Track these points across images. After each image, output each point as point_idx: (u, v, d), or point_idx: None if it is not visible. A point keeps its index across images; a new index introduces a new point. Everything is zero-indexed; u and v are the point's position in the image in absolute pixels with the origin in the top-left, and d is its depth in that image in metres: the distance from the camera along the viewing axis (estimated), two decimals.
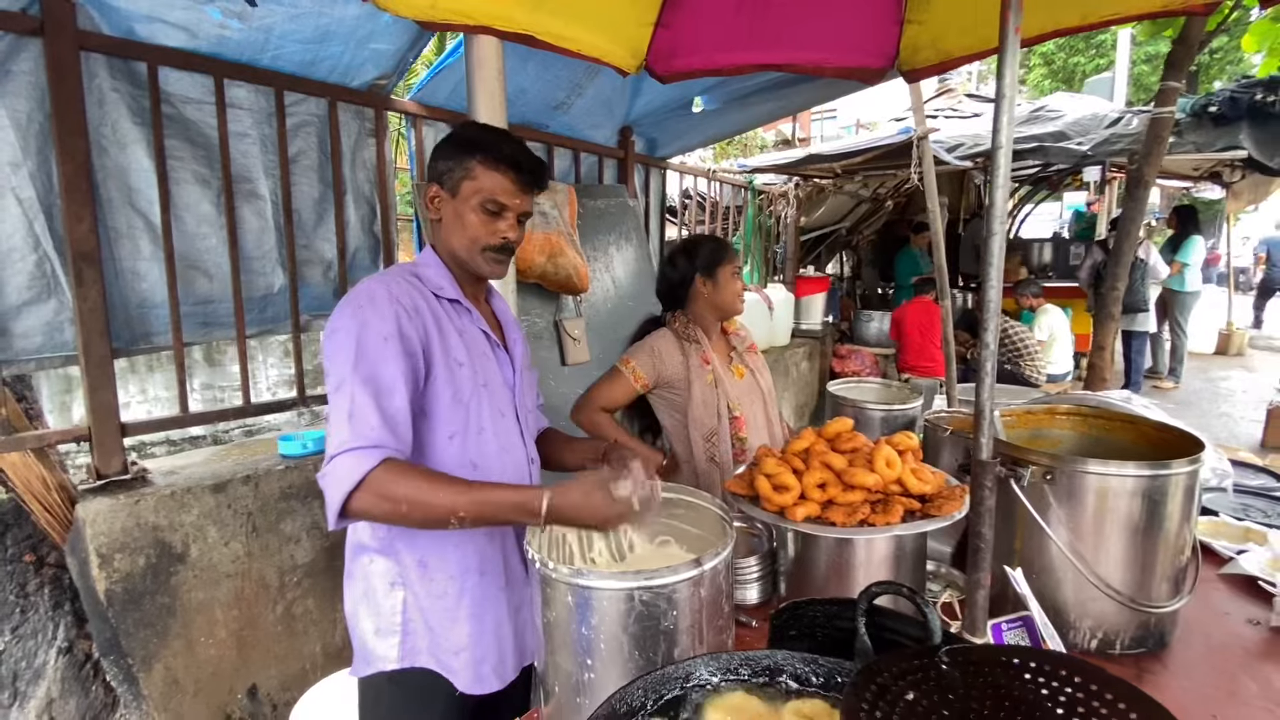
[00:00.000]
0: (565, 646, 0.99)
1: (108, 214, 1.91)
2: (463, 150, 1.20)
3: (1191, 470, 1.19)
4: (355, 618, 1.23)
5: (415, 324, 1.13)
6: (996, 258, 1.04)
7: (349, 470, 1.00)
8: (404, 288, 1.16)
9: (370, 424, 1.03)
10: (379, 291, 1.13)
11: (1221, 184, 7.09)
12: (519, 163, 1.21)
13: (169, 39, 1.92)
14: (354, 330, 1.08)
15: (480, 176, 1.19)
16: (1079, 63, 17.58)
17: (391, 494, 1.00)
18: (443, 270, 1.25)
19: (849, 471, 1.16)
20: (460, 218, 1.21)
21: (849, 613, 0.72)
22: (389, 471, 1.01)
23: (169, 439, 4.32)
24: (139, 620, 1.81)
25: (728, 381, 1.84)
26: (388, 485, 1.00)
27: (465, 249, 1.22)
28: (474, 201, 1.20)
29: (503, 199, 1.20)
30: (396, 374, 1.07)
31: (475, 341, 1.25)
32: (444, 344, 1.18)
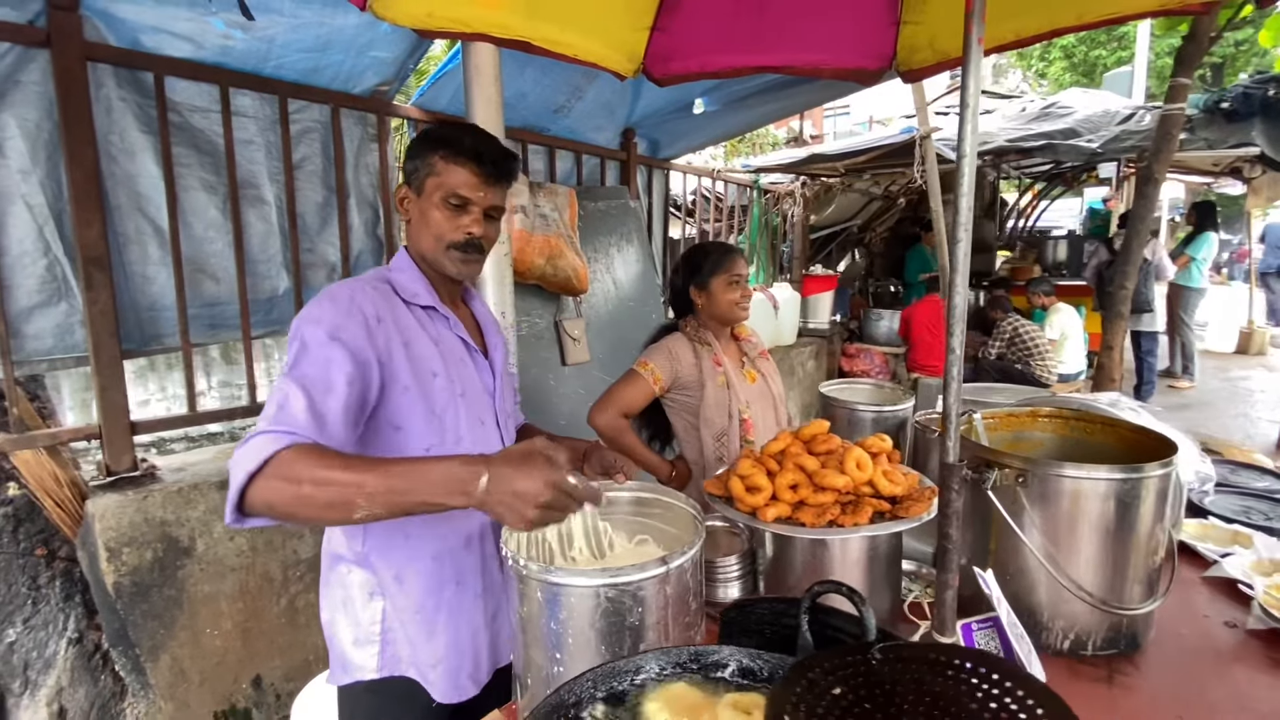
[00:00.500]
0: (537, 641, 1.03)
1: (117, 220, 1.97)
2: (425, 147, 1.18)
3: (1164, 474, 1.19)
4: (333, 625, 1.22)
5: (378, 333, 1.10)
6: (962, 263, 1.06)
7: (254, 452, 0.88)
8: (370, 295, 1.12)
9: (294, 413, 0.94)
10: (341, 294, 1.10)
11: (1242, 179, 6.95)
12: (480, 154, 1.17)
13: (174, 49, 1.98)
14: (305, 330, 1.05)
15: (442, 171, 1.16)
16: (1100, 55, 17.27)
17: (294, 474, 0.87)
18: (416, 274, 1.22)
19: (820, 473, 1.18)
20: (425, 215, 1.18)
21: (795, 611, 0.74)
22: (296, 452, 0.89)
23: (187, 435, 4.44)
24: (146, 612, 1.88)
25: (739, 384, 1.86)
26: (292, 465, 0.87)
27: (431, 248, 1.19)
28: (436, 198, 1.17)
29: (465, 192, 1.17)
30: (339, 375, 1.01)
31: (452, 349, 1.23)
32: (416, 355, 1.15)
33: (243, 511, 0.90)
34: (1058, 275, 7.37)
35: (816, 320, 6.15)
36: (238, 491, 0.88)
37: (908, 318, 5.80)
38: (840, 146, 5.19)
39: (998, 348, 5.80)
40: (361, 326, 1.08)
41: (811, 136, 10.76)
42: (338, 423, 1.00)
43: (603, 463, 1.38)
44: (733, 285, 1.86)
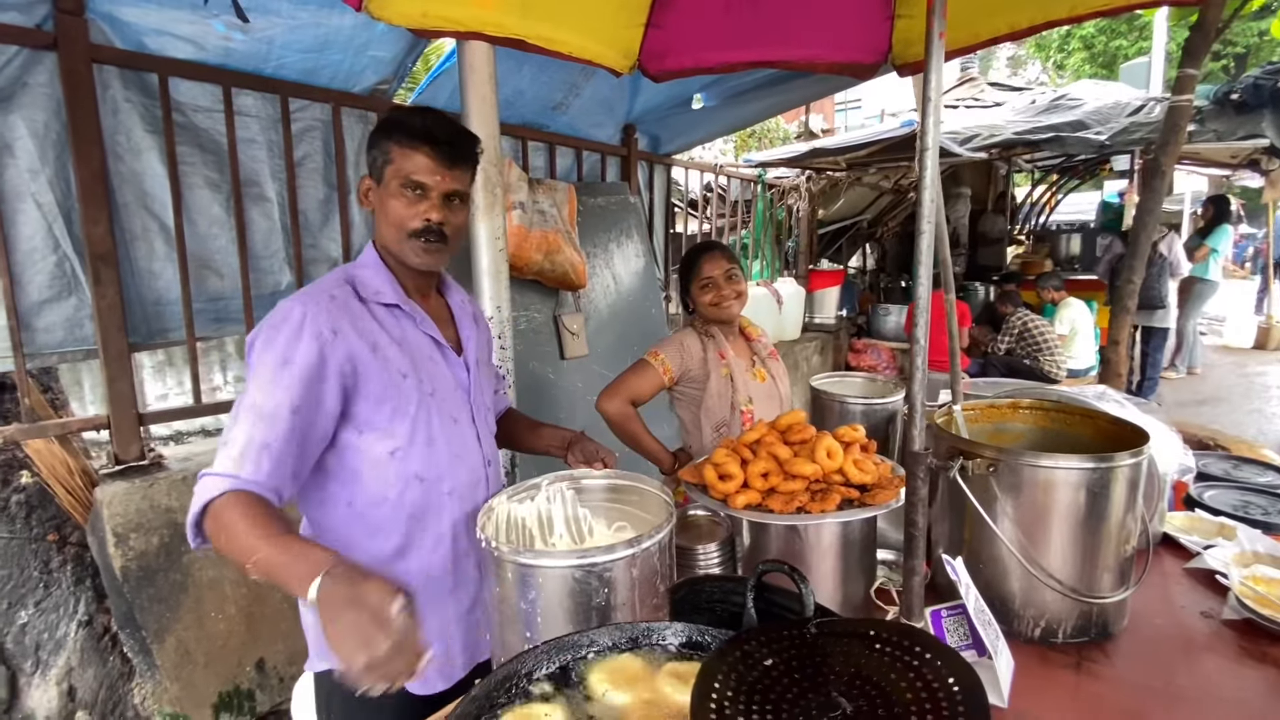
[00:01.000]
0: (510, 621, 1.07)
1: (124, 217, 2.04)
2: (382, 134, 1.15)
3: (1134, 463, 1.20)
4: (309, 614, 1.24)
5: (335, 348, 1.09)
6: (926, 256, 1.08)
7: (202, 492, 0.99)
8: (325, 309, 1.10)
9: (232, 454, 1.00)
10: (294, 313, 1.08)
11: (1260, 171, 6.82)
12: (434, 135, 1.13)
13: (177, 51, 2.04)
14: (260, 351, 1.07)
15: (397, 158, 1.13)
16: (1120, 46, 16.96)
17: (219, 524, 0.97)
18: (381, 270, 1.19)
19: (791, 461, 1.21)
20: (385, 205, 1.15)
21: (743, 589, 0.77)
22: (229, 502, 0.97)
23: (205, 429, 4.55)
24: (153, 596, 1.95)
25: (742, 379, 1.90)
26: (221, 515, 0.97)
27: (393, 238, 1.16)
28: (394, 185, 1.13)
29: (421, 177, 1.13)
30: (284, 402, 1.03)
31: (419, 348, 1.20)
32: (380, 359, 1.13)
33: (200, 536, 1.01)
34: (1070, 269, 7.28)
35: (823, 315, 6.14)
36: (193, 525, 1.00)
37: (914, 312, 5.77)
38: (841, 141, 5.18)
39: (1007, 343, 5.76)
40: (313, 345, 1.07)
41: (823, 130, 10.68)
42: (277, 454, 1.03)
43: (585, 452, 1.41)
44: (705, 288, 1.88)
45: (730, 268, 1.87)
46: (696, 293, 1.90)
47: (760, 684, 0.62)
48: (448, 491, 1.24)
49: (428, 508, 1.22)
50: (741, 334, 2.00)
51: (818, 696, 0.59)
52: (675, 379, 1.88)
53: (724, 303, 1.86)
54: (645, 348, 3.40)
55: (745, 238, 5.23)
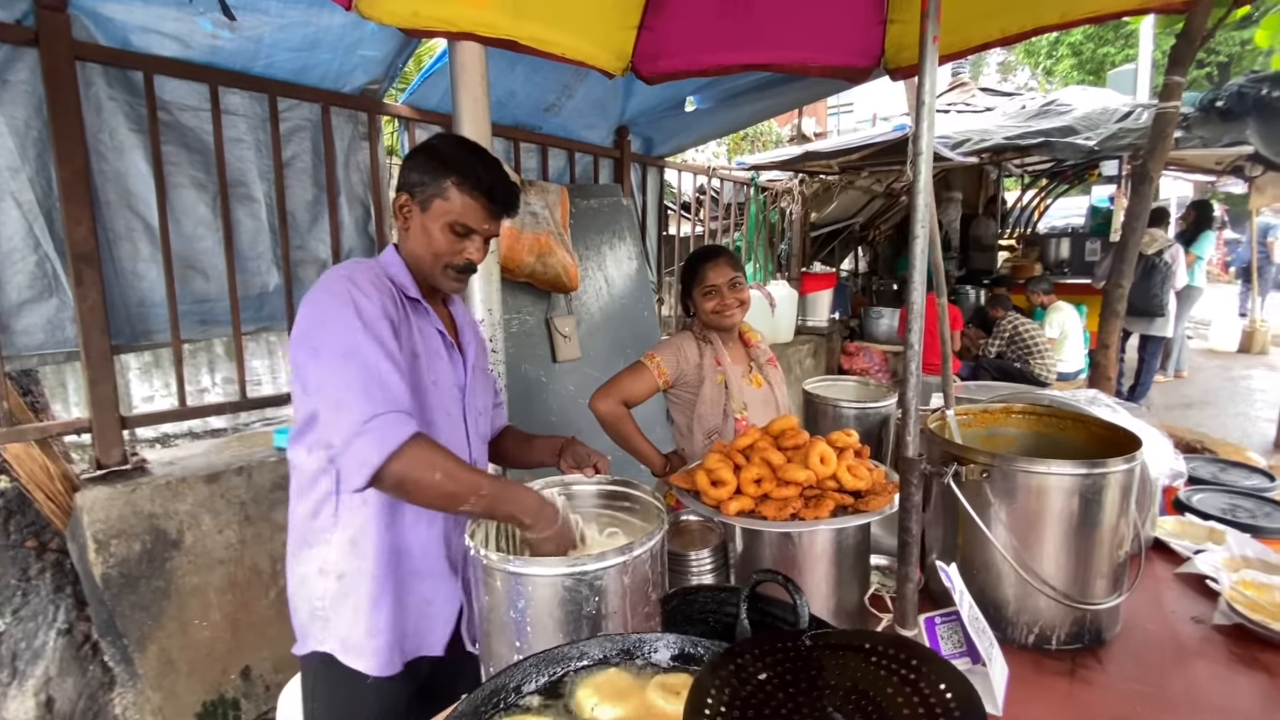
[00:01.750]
0: (499, 630, 1.05)
1: (107, 217, 2.00)
2: (438, 167, 1.20)
3: (1127, 469, 1.20)
4: (295, 598, 1.27)
5: (393, 310, 1.17)
6: (920, 260, 1.07)
7: (392, 431, 1.03)
8: (369, 277, 1.18)
9: (399, 391, 1.07)
10: (361, 277, 1.15)
11: (1244, 178, 6.90)
12: (493, 192, 1.22)
13: (163, 49, 2.01)
14: (350, 305, 1.10)
15: (453, 198, 1.20)
16: (1108, 53, 17.16)
17: (430, 461, 1.05)
18: (404, 270, 1.26)
19: (784, 467, 1.19)
20: (427, 233, 1.22)
21: (736, 599, 0.76)
22: (424, 441, 1.06)
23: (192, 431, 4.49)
24: (134, 603, 1.91)
25: (736, 385, 1.89)
26: (426, 453, 1.05)
27: (428, 263, 1.24)
28: (443, 221, 1.20)
29: (472, 223, 1.21)
30: (394, 349, 1.11)
31: (430, 340, 1.27)
32: (401, 337, 1.19)
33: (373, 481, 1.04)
34: (1059, 274, 7.34)
35: (815, 318, 6.14)
36: (379, 463, 1.02)
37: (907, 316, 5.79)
38: (834, 144, 5.19)
39: (998, 346, 5.79)
40: (384, 304, 1.15)
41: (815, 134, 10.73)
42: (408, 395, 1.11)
43: (576, 456, 1.41)
44: (708, 295, 1.86)
45: (735, 275, 1.86)
46: (699, 298, 1.88)
47: (754, 698, 0.61)
48: None
49: None
50: (740, 339, 1.99)
51: (813, 711, 0.58)
52: (670, 382, 1.87)
53: (726, 310, 1.84)
54: (638, 351, 3.39)
55: (739, 240, 5.23)
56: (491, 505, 1.08)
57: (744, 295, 1.87)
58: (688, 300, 1.96)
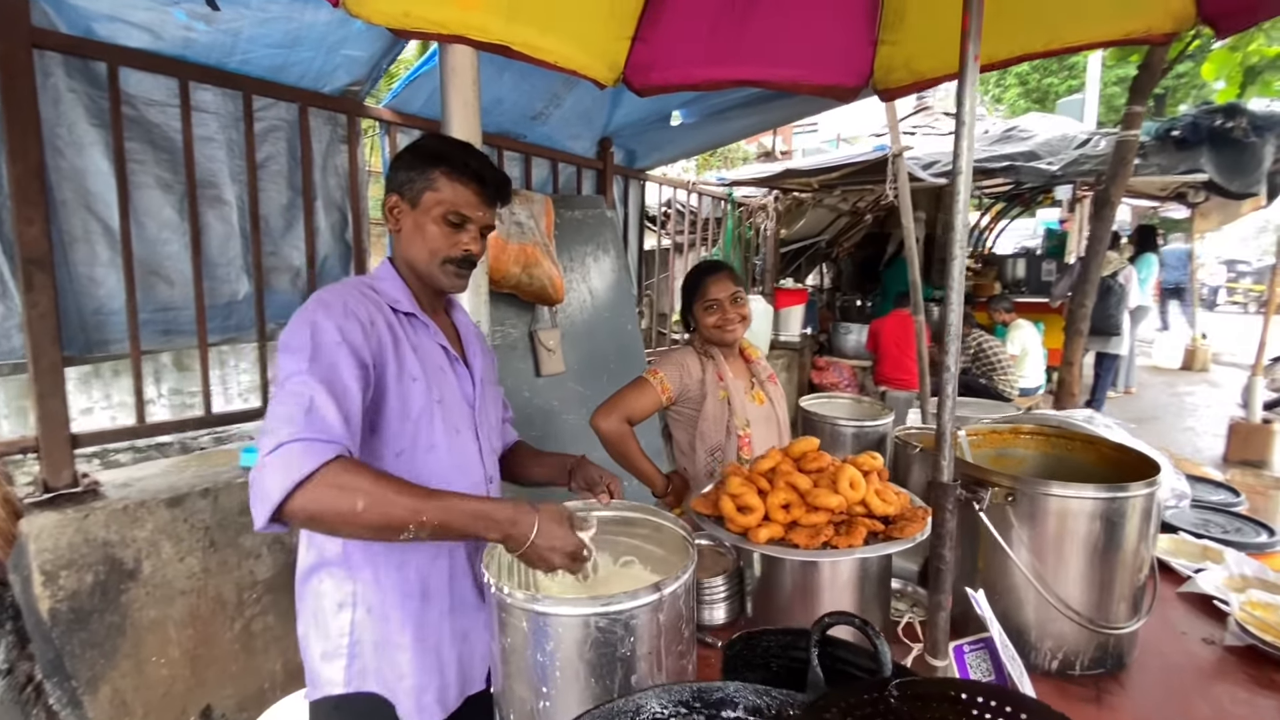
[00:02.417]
0: (521, 674, 0.97)
1: (62, 217, 1.85)
2: (425, 161, 1.18)
3: (1149, 493, 1.20)
4: (305, 639, 1.19)
5: (370, 336, 1.09)
6: (957, 281, 1.05)
7: (299, 460, 0.89)
8: (359, 299, 1.13)
9: (328, 419, 0.95)
10: (334, 301, 1.09)
11: (1187, 204, 7.30)
12: (483, 175, 1.19)
13: (131, 39, 1.87)
14: (307, 334, 1.03)
15: (443, 188, 1.17)
16: (1052, 83, 18.06)
17: (350, 486, 0.91)
18: (399, 284, 1.22)
19: (813, 492, 1.15)
20: (421, 229, 1.18)
21: (803, 643, 0.70)
22: (345, 466, 0.92)
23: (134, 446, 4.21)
24: (85, 640, 1.74)
25: (739, 402, 1.85)
26: (345, 479, 0.91)
27: (425, 261, 1.20)
28: (436, 213, 1.17)
29: (465, 211, 1.18)
30: (350, 378, 1.02)
31: (431, 356, 1.21)
32: (398, 359, 1.14)
33: (276, 519, 0.91)
34: (1017, 292, 7.60)
35: (788, 333, 6.20)
36: (281, 497, 0.88)
37: (876, 330, 5.89)
38: (815, 162, 5.27)
39: (963, 362, 5.95)
40: (359, 329, 1.07)
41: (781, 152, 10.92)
42: (357, 427, 1.01)
43: (588, 478, 1.34)
44: (709, 309, 1.84)
45: (736, 290, 1.83)
46: (700, 313, 1.85)
47: None
48: None
49: None
50: (741, 355, 1.96)
51: None
52: (674, 399, 1.82)
53: (728, 325, 1.81)
54: (622, 365, 3.35)
55: (716, 254, 5.24)
56: (443, 528, 0.96)
57: (745, 310, 1.85)
58: (688, 315, 1.92)
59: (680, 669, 0.99)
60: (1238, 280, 19.73)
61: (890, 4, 2.14)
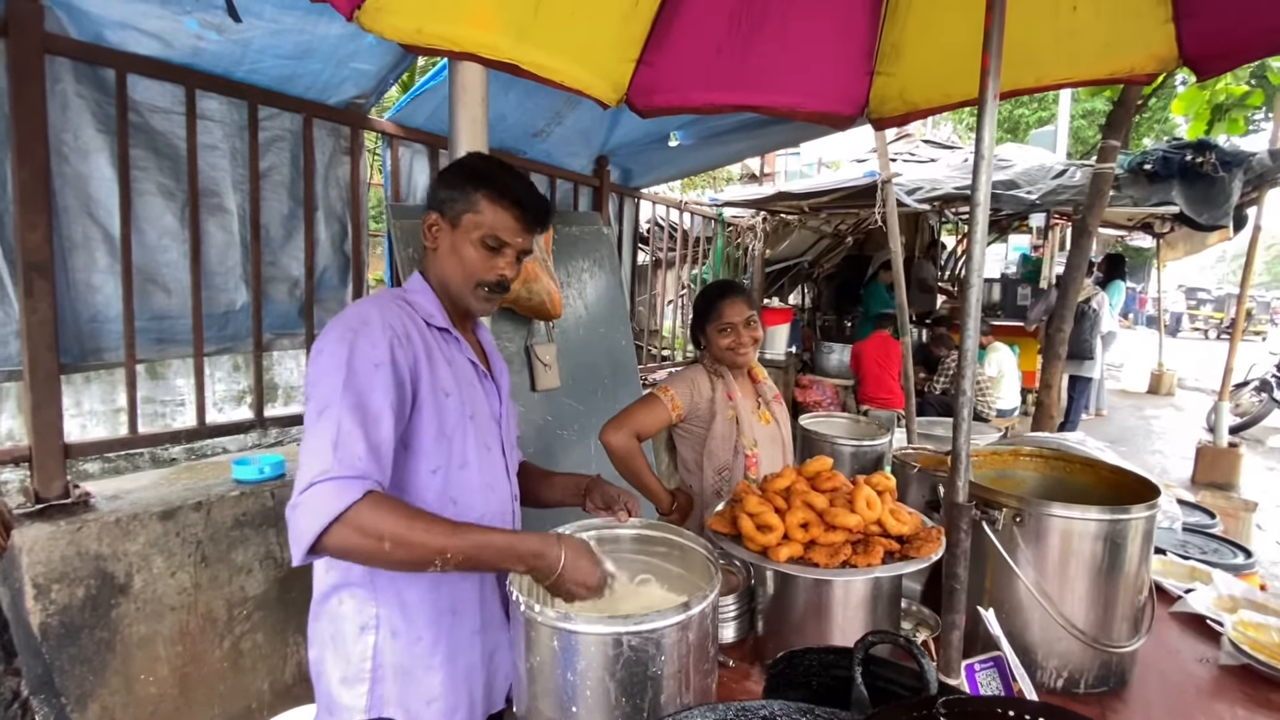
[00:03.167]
0: (548, 693, 0.97)
1: (64, 223, 1.82)
2: (468, 182, 1.17)
3: (1150, 515, 1.25)
4: (321, 663, 1.16)
5: (406, 352, 1.09)
6: (974, 308, 1.09)
7: (329, 500, 0.92)
8: (396, 313, 1.11)
9: (356, 453, 0.96)
10: (373, 315, 1.08)
11: (1153, 234, 7.59)
12: (524, 202, 1.19)
13: (141, 47, 1.86)
14: (343, 354, 1.02)
15: (484, 210, 1.16)
16: (1023, 114, 18.66)
17: (375, 529, 0.93)
18: (432, 298, 1.21)
19: (831, 512, 1.18)
20: (458, 250, 1.17)
21: (845, 661, 0.72)
22: (373, 505, 0.94)
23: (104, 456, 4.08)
24: (75, 656, 1.68)
25: (747, 422, 1.87)
26: (371, 519, 0.93)
27: (459, 282, 1.19)
28: (475, 235, 1.17)
29: (505, 236, 1.18)
30: (384, 403, 1.02)
31: (463, 371, 1.21)
32: (432, 374, 1.13)
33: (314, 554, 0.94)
34: (993, 315, 7.81)
35: (774, 351, 6.27)
36: (312, 540, 0.92)
37: (858, 353, 6.00)
38: (806, 186, 5.38)
39: (942, 383, 6.07)
40: (393, 346, 1.07)
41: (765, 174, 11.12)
42: (389, 453, 1.02)
43: (605, 497, 1.34)
44: (724, 332, 1.85)
45: (751, 314, 1.85)
46: (713, 335, 1.87)
47: None
48: (478, 519, 1.18)
49: None
50: (749, 375, 1.98)
51: None
52: (683, 416, 1.84)
53: (741, 349, 1.84)
54: (617, 381, 3.36)
55: (705, 272, 5.30)
56: (469, 562, 1.00)
57: (758, 334, 1.87)
58: (699, 334, 1.94)
59: (705, 688, 1.00)
60: (1198, 308, 20.47)
61: (888, 38, 2.22)
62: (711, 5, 2.10)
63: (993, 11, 1.10)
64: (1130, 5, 1.82)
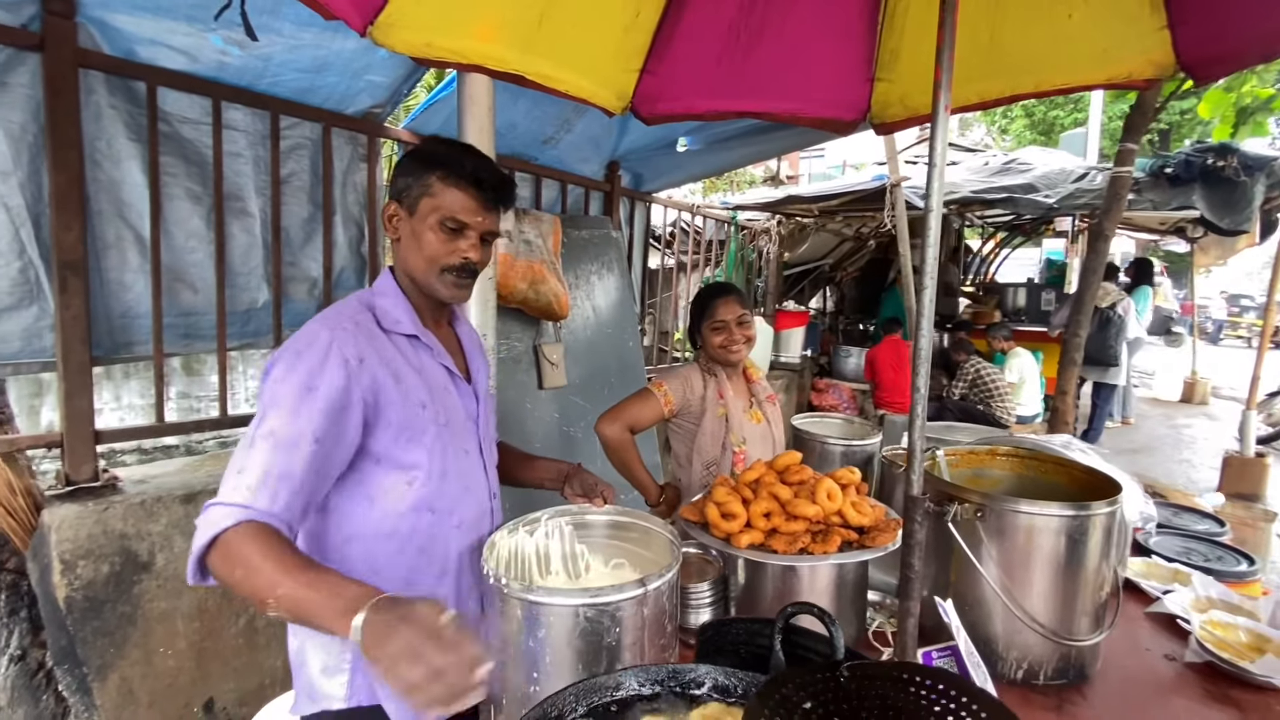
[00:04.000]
0: (515, 660, 1.04)
1: (97, 225, 1.96)
2: (422, 165, 1.14)
3: (1110, 511, 1.27)
4: (301, 653, 1.19)
5: (360, 376, 1.07)
6: (927, 309, 1.13)
7: (210, 524, 0.94)
8: (350, 335, 1.09)
9: (248, 483, 0.96)
10: (322, 336, 1.06)
11: (1186, 239, 7.40)
12: (480, 179, 1.14)
13: (169, 62, 2.00)
14: (280, 377, 1.03)
15: (439, 193, 1.13)
16: (1058, 116, 18.30)
17: (231, 558, 0.92)
18: (400, 300, 1.19)
19: (793, 502, 1.23)
20: (418, 237, 1.14)
21: (769, 631, 0.78)
22: (242, 535, 0.92)
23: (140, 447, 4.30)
24: (98, 629, 1.81)
25: (737, 420, 1.93)
26: (236, 548, 0.92)
27: (423, 270, 1.16)
28: (432, 219, 1.13)
29: (463, 217, 1.14)
30: (306, 431, 1.00)
31: (435, 378, 1.20)
32: (401, 388, 1.12)
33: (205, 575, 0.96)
34: (1017, 321, 7.69)
35: (788, 354, 6.29)
36: (196, 558, 0.94)
37: (872, 359, 5.98)
38: (815, 189, 5.40)
39: (960, 389, 6.01)
40: (340, 372, 1.05)
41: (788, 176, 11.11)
42: (293, 485, 0.99)
43: (584, 484, 1.41)
44: (716, 330, 1.92)
45: (743, 313, 1.92)
46: (707, 333, 1.94)
47: None
48: (455, 525, 1.22)
49: (434, 540, 1.20)
50: (744, 375, 2.04)
51: None
52: (675, 411, 1.91)
53: (733, 346, 1.90)
54: (623, 380, 3.44)
55: (719, 275, 5.35)
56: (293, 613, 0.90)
57: (750, 333, 1.93)
58: (695, 333, 2.00)
59: (661, 660, 1.07)
60: (1241, 315, 19.74)
61: (886, 45, 2.25)
62: (710, 16, 2.17)
63: (944, 28, 1.15)
64: (1126, 11, 1.83)
